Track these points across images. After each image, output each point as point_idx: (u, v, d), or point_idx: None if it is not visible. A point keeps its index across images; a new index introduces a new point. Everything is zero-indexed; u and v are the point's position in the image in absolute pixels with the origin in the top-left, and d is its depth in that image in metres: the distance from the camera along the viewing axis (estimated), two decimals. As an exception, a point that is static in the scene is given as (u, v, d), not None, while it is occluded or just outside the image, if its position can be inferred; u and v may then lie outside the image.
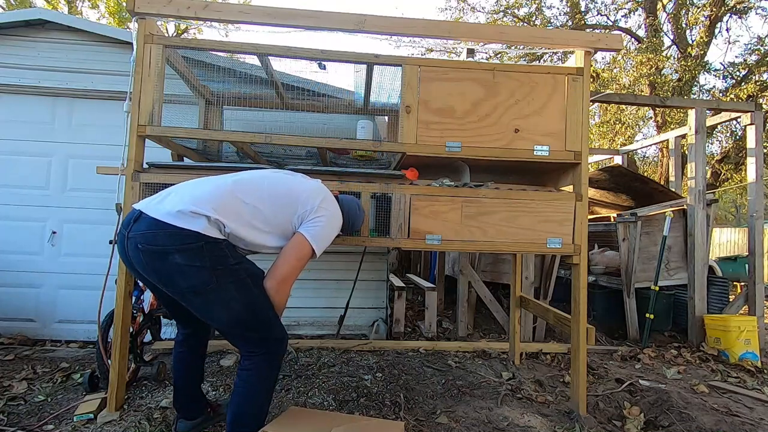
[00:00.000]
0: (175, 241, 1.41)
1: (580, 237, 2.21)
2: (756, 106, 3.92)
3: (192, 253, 1.41)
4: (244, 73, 2.89)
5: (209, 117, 2.89)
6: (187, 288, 1.45)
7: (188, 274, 1.43)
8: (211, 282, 1.44)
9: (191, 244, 1.41)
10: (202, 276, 1.43)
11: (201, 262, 1.42)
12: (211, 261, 1.44)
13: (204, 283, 1.43)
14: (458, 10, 12.44)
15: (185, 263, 1.41)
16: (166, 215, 1.43)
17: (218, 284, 1.45)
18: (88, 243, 3.39)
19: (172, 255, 1.41)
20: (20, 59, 3.36)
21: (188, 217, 1.42)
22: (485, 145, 2.17)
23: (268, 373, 1.57)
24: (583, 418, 2.20)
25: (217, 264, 1.45)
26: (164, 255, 1.42)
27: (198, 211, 1.43)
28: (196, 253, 1.42)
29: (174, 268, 1.42)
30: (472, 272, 3.89)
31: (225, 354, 2.98)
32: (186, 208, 1.44)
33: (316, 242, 1.56)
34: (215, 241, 1.46)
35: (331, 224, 1.64)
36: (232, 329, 1.54)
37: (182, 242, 1.41)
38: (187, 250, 1.41)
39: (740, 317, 3.58)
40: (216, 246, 1.46)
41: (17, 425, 1.98)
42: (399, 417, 2.16)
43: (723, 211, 16.90)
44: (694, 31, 10.26)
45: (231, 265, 1.48)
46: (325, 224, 1.60)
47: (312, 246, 1.55)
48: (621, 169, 4.62)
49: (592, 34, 2.33)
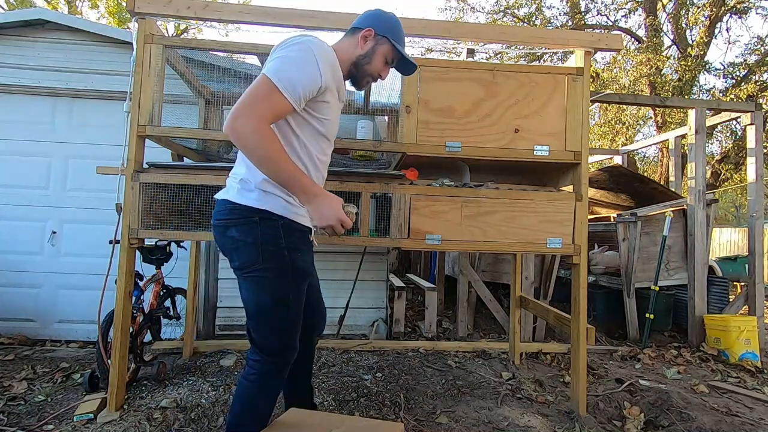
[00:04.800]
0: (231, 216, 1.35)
1: (580, 237, 2.21)
2: (756, 106, 3.92)
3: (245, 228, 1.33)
4: (244, 73, 2.88)
5: (209, 117, 2.89)
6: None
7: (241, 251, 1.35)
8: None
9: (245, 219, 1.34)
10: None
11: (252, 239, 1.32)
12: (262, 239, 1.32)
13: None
14: (458, 10, 12.46)
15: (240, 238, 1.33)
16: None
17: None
18: (88, 243, 3.39)
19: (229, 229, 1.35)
20: (20, 59, 3.36)
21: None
22: (485, 145, 2.17)
23: (275, 385, 1.42)
24: (583, 418, 2.20)
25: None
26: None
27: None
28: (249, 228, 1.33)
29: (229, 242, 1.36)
30: (472, 272, 3.89)
31: (225, 354, 2.99)
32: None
33: (275, 76, 1.20)
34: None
35: (292, 52, 1.25)
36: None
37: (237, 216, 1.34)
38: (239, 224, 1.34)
39: (740, 317, 3.58)
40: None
41: (17, 425, 1.98)
42: (399, 417, 2.16)
43: (723, 211, 16.90)
44: (694, 31, 10.27)
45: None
46: (284, 55, 1.25)
47: (271, 80, 1.19)
48: (621, 169, 4.62)
49: (592, 34, 2.33)
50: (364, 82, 1.48)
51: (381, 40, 1.43)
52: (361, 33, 1.43)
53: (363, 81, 1.48)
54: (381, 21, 1.44)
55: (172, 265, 2.72)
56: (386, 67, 1.49)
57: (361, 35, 1.42)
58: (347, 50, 1.43)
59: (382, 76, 1.49)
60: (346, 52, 1.43)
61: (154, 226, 2.15)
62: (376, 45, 1.43)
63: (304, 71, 1.24)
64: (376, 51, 1.43)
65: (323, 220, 1.25)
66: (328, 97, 1.34)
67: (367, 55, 1.43)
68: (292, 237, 1.36)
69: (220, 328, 3.50)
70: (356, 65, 1.44)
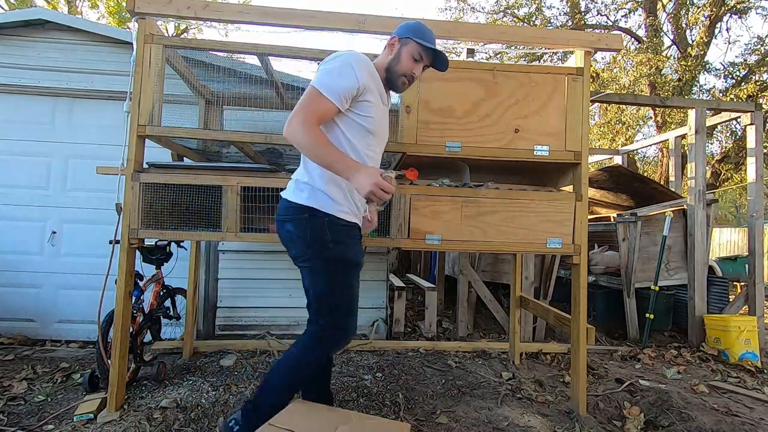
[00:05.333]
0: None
1: (580, 237, 2.21)
2: (756, 106, 3.92)
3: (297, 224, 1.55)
4: (244, 73, 2.89)
5: (209, 117, 2.89)
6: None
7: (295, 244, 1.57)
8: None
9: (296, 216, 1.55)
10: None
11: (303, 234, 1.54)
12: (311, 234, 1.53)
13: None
14: (458, 10, 12.44)
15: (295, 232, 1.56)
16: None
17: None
18: (88, 243, 3.39)
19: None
20: (20, 59, 3.36)
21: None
22: (485, 145, 2.17)
23: (304, 352, 1.57)
24: (583, 418, 2.20)
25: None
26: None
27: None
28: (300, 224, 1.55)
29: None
30: (472, 272, 3.89)
31: (225, 354, 2.99)
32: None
33: (319, 84, 1.45)
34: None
35: (333, 65, 1.49)
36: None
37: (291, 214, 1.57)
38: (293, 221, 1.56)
39: (740, 317, 3.58)
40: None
41: (17, 425, 1.98)
42: (399, 417, 2.16)
43: (723, 211, 16.90)
44: (694, 31, 10.27)
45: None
46: (325, 68, 1.49)
47: (316, 87, 1.44)
48: (621, 169, 4.62)
49: (592, 34, 2.33)
50: (399, 82, 1.64)
51: (405, 41, 1.62)
52: (388, 42, 1.66)
53: (398, 82, 1.63)
54: (403, 27, 1.64)
55: (172, 265, 2.72)
56: (417, 64, 1.63)
57: (388, 44, 1.65)
58: (381, 60, 1.65)
59: (415, 73, 1.63)
60: (380, 62, 1.65)
61: (154, 226, 2.15)
62: (401, 47, 1.62)
63: (342, 75, 1.46)
64: (402, 52, 1.61)
65: (363, 188, 1.37)
66: (368, 96, 1.53)
67: (395, 57, 1.62)
68: (337, 231, 1.54)
69: (220, 328, 3.50)
70: (388, 69, 1.62)
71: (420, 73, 1.66)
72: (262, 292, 3.55)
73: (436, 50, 1.62)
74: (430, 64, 1.67)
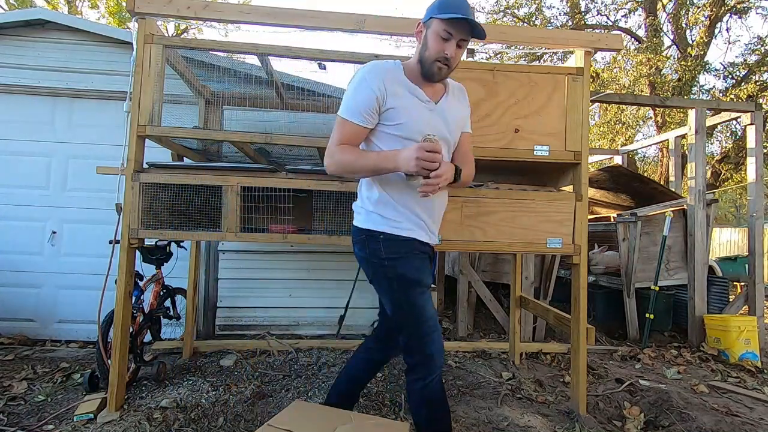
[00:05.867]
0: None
1: (580, 237, 2.21)
2: (756, 106, 3.92)
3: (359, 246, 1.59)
4: (244, 73, 2.89)
5: (209, 117, 2.89)
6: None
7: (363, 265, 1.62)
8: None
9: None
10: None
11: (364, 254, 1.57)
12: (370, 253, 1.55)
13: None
14: (458, 10, 12.40)
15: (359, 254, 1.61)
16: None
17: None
18: (88, 243, 3.39)
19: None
20: (20, 59, 3.36)
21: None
22: (485, 145, 2.17)
23: (423, 392, 1.51)
24: (583, 418, 2.20)
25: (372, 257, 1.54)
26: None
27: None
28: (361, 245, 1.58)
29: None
30: (472, 272, 3.89)
31: (225, 354, 2.99)
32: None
33: (341, 111, 1.49)
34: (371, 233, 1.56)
35: (350, 86, 1.50)
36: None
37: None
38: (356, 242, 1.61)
39: (740, 317, 3.58)
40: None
41: (17, 425, 1.98)
42: (399, 417, 2.16)
43: (723, 211, 16.90)
44: (694, 31, 10.27)
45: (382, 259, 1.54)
46: (345, 93, 1.52)
47: (339, 115, 1.49)
48: (621, 169, 4.62)
49: (592, 34, 2.33)
50: (435, 69, 1.45)
51: (428, 23, 1.46)
52: (415, 32, 1.54)
53: (433, 69, 1.45)
54: (427, 10, 1.49)
55: (172, 265, 2.72)
56: (447, 43, 1.42)
57: (416, 33, 1.53)
58: (415, 54, 1.53)
59: (447, 53, 1.42)
60: (414, 58, 1.53)
61: (154, 226, 2.15)
62: (426, 31, 1.47)
63: (357, 92, 1.45)
64: (428, 36, 1.45)
65: (409, 165, 1.33)
66: (392, 102, 1.45)
67: (423, 44, 1.47)
68: (393, 247, 1.51)
69: (220, 328, 3.50)
70: (420, 60, 1.49)
71: (459, 52, 1.46)
72: (262, 292, 3.55)
73: (467, 18, 1.36)
74: (467, 36, 1.43)
